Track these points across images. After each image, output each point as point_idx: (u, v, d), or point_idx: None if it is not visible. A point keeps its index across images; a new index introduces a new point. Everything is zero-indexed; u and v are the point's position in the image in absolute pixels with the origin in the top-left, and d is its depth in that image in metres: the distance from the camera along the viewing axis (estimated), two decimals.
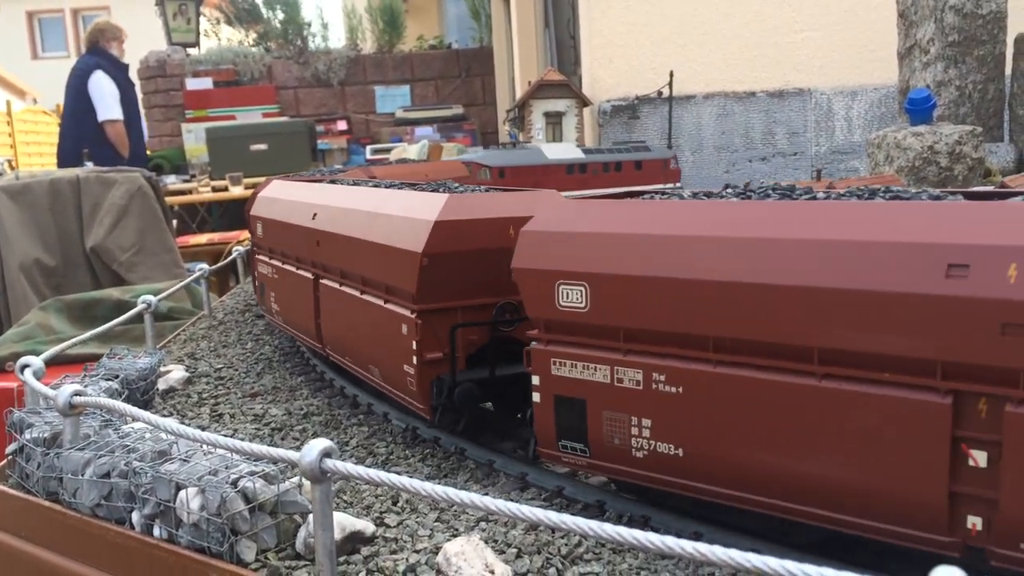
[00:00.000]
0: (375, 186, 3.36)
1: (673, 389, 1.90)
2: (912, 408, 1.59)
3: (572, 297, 2.05)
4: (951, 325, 1.51)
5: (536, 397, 2.17)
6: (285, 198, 3.82)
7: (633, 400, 1.98)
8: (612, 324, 1.99)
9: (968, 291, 1.49)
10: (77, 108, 9.83)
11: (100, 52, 9.99)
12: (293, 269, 3.59)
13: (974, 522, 1.57)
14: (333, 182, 3.86)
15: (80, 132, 9.78)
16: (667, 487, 1.99)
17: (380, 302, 2.76)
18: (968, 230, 1.55)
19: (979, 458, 1.55)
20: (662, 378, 1.92)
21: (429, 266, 2.45)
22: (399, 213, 2.68)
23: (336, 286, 3.11)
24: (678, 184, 6.98)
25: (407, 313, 2.58)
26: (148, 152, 11.03)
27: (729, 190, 2.18)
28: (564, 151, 7.30)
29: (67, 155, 9.75)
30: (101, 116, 9.74)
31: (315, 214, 3.29)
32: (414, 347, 2.56)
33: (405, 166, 6.79)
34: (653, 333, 1.93)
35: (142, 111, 10.49)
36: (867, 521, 1.68)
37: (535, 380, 2.17)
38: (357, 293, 2.94)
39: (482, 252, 2.52)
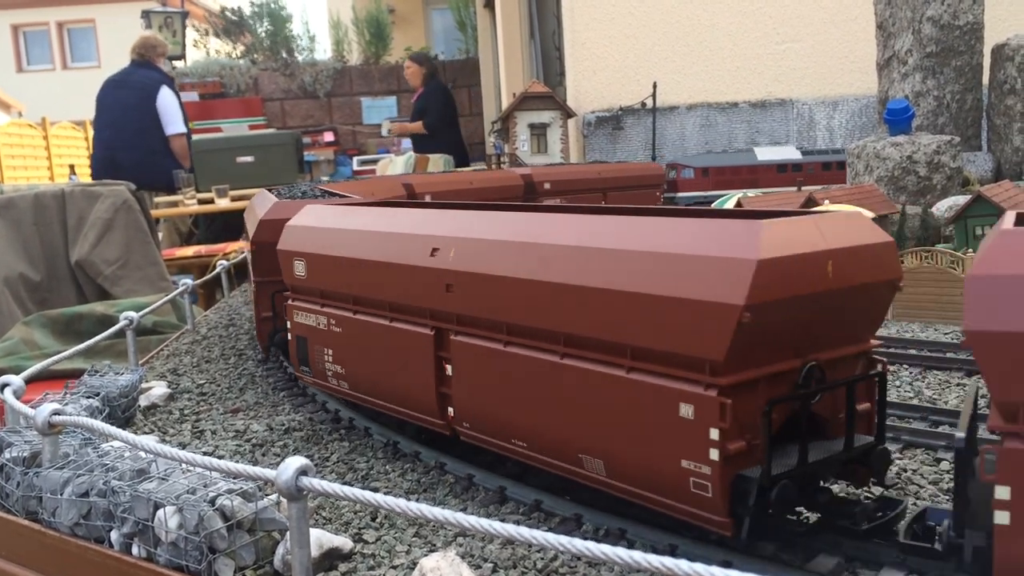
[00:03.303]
0: None
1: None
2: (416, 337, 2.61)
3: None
4: None
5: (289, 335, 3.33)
6: None
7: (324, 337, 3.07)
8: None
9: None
10: (143, 121, 10.02)
11: (154, 67, 10.25)
12: None
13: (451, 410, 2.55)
14: None
15: (146, 144, 10.05)
16: (341, 395, 3.09)
17: None
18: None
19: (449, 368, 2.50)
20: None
21: None
22: None
23: None
24: None
25: None
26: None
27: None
28: (778, 152, 7.27)
29: (129, 163, 9.86)
30: (170, 130, 10.12)
31: None
32: None
33: (583, 167, 6.54)
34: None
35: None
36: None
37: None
38: None
39: None
